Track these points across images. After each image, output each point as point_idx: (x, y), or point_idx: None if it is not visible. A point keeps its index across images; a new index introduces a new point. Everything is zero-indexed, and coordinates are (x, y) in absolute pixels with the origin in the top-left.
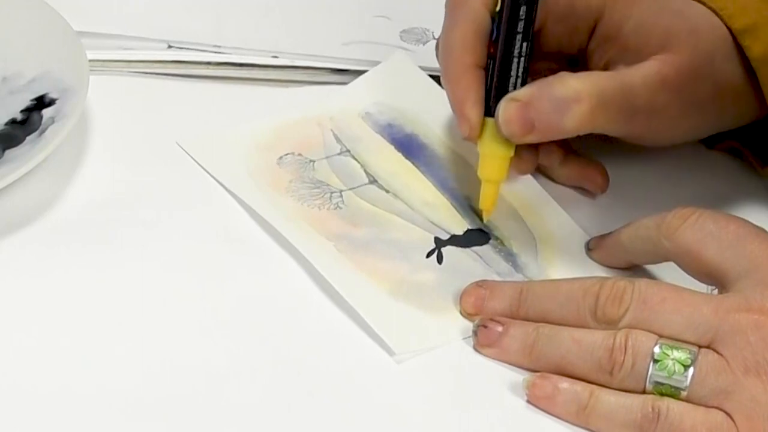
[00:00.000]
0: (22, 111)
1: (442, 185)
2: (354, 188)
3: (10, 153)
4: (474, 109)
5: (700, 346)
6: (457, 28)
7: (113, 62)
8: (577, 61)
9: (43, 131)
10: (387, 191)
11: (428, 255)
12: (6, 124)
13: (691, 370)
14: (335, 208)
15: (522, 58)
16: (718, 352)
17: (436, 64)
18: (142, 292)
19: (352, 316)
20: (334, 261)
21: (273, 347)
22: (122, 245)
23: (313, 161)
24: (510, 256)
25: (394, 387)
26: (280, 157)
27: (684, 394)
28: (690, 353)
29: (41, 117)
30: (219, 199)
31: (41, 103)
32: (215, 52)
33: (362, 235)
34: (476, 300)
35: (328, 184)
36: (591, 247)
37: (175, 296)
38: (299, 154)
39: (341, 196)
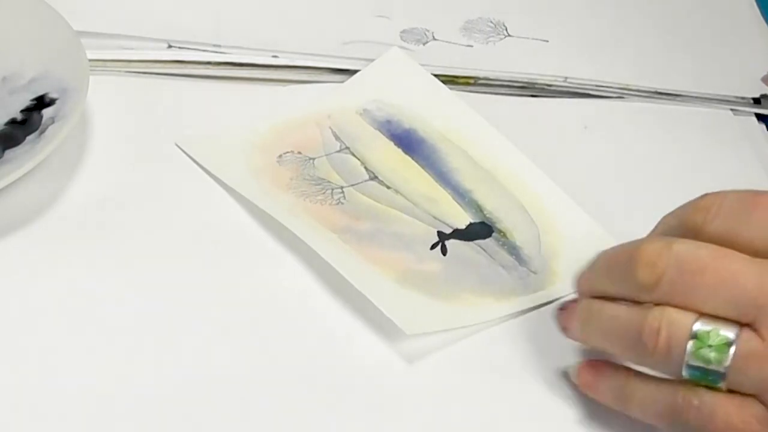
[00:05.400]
0: (22, 111)
1: (443, 179)
2: (355, 185)
3: (10, 153)
4: None
5: (741, 324)
6: None
7: (113, 62)
8: None
9: (43, 131)
10: (388, 187)
11: (432, 247)
12: (6, 124)
13: (729, 358)
14: (337, 204)
15: None
16: (761, 335)
17: (436, 63)
18: (142, 292)
19: (356, 314)
20: (340, 251)
21: (275, 346)
22: (122, 245)
23: (313, 159)
24: (513, 249)
25: (400, 385)
26: (280, 156)
27: (722, 383)
28: (728, 342)
29: (41, 117)
30: (219, 199)
31: (41, 103)
32: (215, 52)
33: (366, 228)
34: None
35: (329, 181)
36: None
37: (175, 296)
38: (299, 153)
39: (342, 192)
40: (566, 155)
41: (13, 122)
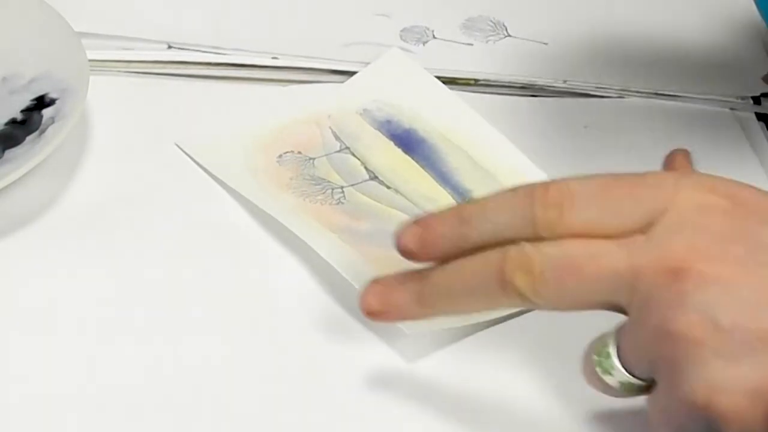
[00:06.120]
0: (22, 111)
1: (443, 179)
2: (355, 185)
3: (10, 153)
4: None
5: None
6: None
7: (113, 62)
8: None
9: (43, 131)
10: (388, 187)
11: None
12: (6, 124)
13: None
14: (337, 203)
15: None
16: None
17: (436, 65)
18: (142, 292)
19: (355, 313)
20: (339, 250)
21: (274, 345)
22: (122, 245)
23: (313, 159)
24: None
25: (400, 385)
26: (280, 156)
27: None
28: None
29: (41, 117)
30: (219, 199)
31: (41, 103)
32: (215, 53)
33: (365, 228)
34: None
35: (329, 181)
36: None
37: (175, 296)
38: (299, 152)
39: (342, 191)
40: (566, 155)
41: (13, 122)
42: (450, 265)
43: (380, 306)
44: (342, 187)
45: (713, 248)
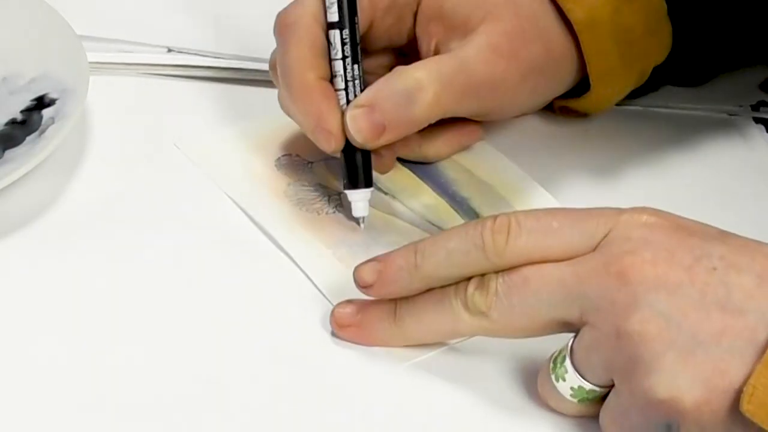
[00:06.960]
0: (22, 111)
1: (441, 188)
2: None
3: (10, 153)
4: (334, 120)
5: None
6: (292, 47)
7: (113, 65)
8: (406, 55)
9: (43, 131)
10: (385, 193)
11: None
12: (6, 124)
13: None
14: (333, 212)
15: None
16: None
17: None
18: (140, 293)
19: None
20: (333, 270)
21: (273, 346)
22: (121, 246)
23: (311, 163)
24: None
25: (398, 385)
26: (278, 158)
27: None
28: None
29: (41, 117)
30: (218, 199)
31: (41, 103)
32: (215, 57)
33: (362, 240)
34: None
35: (326, 187)
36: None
37: (173, 297)
38: (296, 156)
39: (339, 198)
40: (565, 158)
41: (13, 122)
42: (423, 292)
43: (351, 320)
44: (339, 193)
45: (660, 255)
